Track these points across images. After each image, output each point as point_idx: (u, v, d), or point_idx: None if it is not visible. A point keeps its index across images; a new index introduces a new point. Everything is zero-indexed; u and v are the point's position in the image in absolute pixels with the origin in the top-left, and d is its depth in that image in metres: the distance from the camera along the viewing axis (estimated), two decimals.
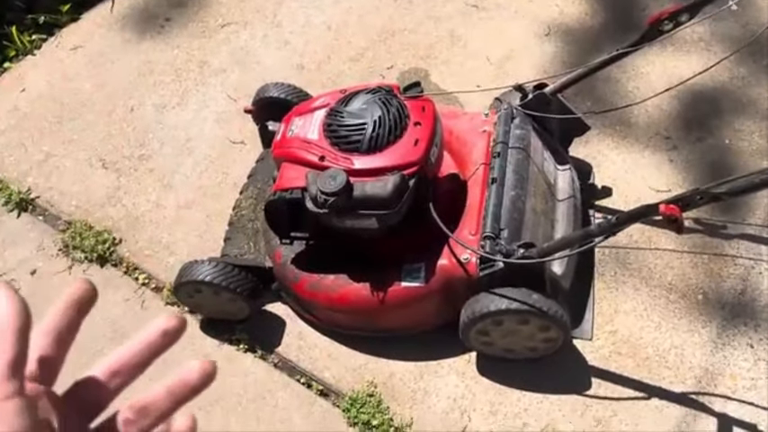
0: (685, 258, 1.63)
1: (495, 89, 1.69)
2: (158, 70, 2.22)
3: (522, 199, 1.45)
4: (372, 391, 1.50)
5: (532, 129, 1.60)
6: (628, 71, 2.01)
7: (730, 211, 1.68)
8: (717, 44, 2.03)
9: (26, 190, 1.96)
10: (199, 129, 2.06)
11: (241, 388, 1.55)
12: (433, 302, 1.47)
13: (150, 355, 0.40)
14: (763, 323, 1.51)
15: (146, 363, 0.40)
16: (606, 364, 1.49)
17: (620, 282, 1.61)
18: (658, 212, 1.09)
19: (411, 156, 1.37)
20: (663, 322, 1.54)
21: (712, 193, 1.06)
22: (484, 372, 1.52)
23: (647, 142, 1.85)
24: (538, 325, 1.38)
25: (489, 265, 1.37)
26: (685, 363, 1.48)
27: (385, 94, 1.44)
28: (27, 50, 2.35)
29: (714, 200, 1.07)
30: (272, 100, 1.78)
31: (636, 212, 1.16)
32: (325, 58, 2.19)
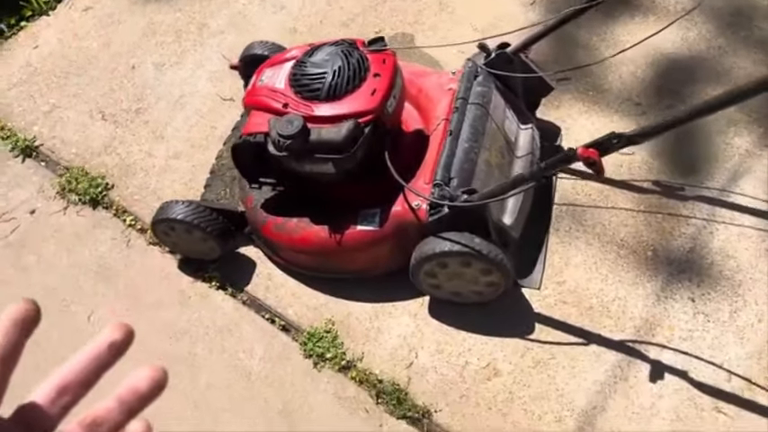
0: (640, 217, 1.68)
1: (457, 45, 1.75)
2: (160, 31, 2.34)
3: (474, 151, 1.53)
4: (330, 328, 1.60)
5: (495, 87, 1.67)
6: (607, 39, 2.05)
7: (688, 174, 1.73)
8: (698, 15, 2.06)
9: (31, 137, 2.10)
10: (193, 86, 2.17)
11: (210, 321, 1.66)
12: (387, 246, 1.56)
13: (98, 369, 0.38)
14: (707, 279, 1.56)
15: (93, 378, 0.38)
16: (551, 312, 1.56)
17: (574, 237, 1.67)
18: (577, 156, 1.16)
19: (367, 104, 1.45)
20: (610, 275, 1.60)
21: (626, 136, 1.12)
22: (434, 314, 1.60)
23: (618, 107, 1.90)
24: (479, 268, 1.45)
25: (437, 210, 1.45)
26: (627, 313, 1.54)
27: (347, 46, 1.52)
28: (42, 11, 2.49)
29: (629, 142, 1.13)
30: (256, 57, 1.88)
31: (559, 158, 1.22)
32: (317, 23, 2.28)
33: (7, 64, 2.34)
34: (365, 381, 1.52)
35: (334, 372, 1.54)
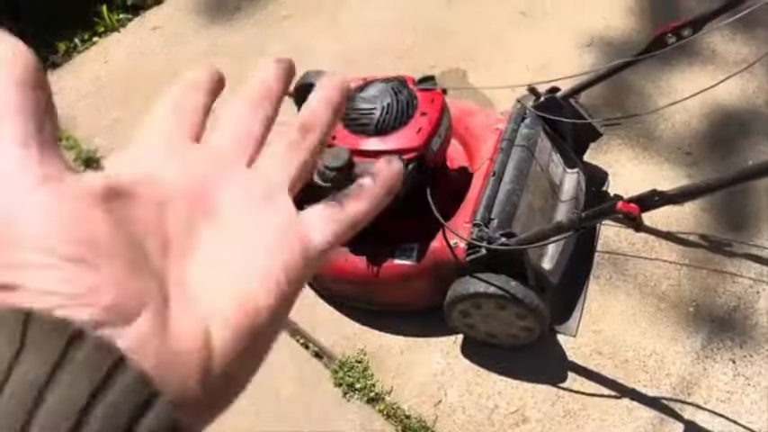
0: (684, 270, 1.65)
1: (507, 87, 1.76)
2: (222, 53, 2.43)
3: (516, 193, 1.53)
4: (361, 358, 1.62)
5: (542, 130, 1.67)
6: (661, 87, 2.03)
7: (737, 230, 1.69)
8: (759, 67, 2.01)
9: (93, 149, 2.20)
10: None
11: None
12: (423, 282, 1.57)
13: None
14: (750, 341, 1.52)
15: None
16: (585, 361, 1.54)
17: (614, 286, 1.65)
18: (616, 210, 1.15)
19: (412, 142, 1.48)
20: (649, 328, 1.57)
21: (667, 195, 1.11)
22: (467, 353, 1.60)
23: (668, 156, 1.87)
24: (514, 312, 1.45)
25: (475, 250, 1.46)
26: (663, 369, 1.51)
27: (398, 84, 1.55)
28: (114, 28, 2.61)
29: (670, 201, 1.12)
30: (311, 86, 1.92)
31: (599, 210, 1.22)
32: (372, 54, 2.33)
33: (78, 77, 2.46)
34: (392, 415, 1.53)
35: (363, 403, 1.56)
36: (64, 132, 2.25)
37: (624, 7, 2.26)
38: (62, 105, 2.34)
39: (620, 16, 2.24)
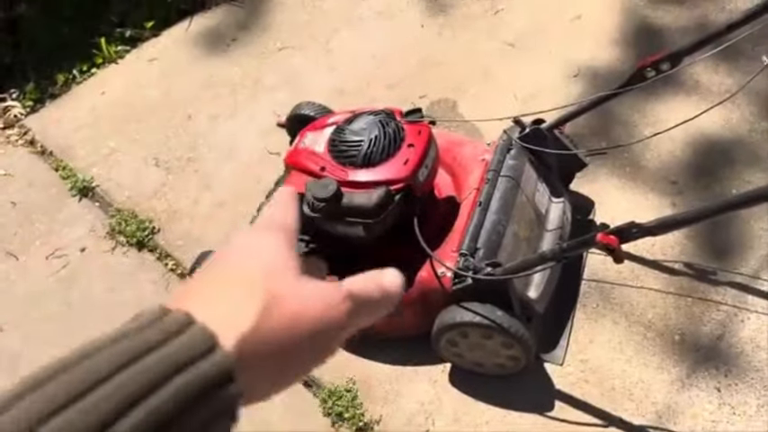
0: (669, 299, 1.67)
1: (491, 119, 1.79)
2: (218, 84, 2.48)
3: (502, 223, 1.56)
4: (350, 387, 1.63)
5: (528, 161, 1.70)
6: (647, 116, 2.06)
7: (721, 258, 1.71)
8: (742, 97, 2.05)
9: (89, 178, 2.23)
10: (243, 139, 2.28)
11: None
12: (411, 311, 1.59)
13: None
14: (735, 369, 1.53)
15: None
16: (572, 390, 1.56)
17: (601, 314, 1.67)
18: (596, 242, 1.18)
19: (399, 173, 1.51)
20: (635, 357, 1.58)
21: (646, 227, 1.14)
22: (455, 382, 1.61)
23: (654, 185, 1.90)
24: (500, 341, 1.47)
25: (461, 279, 1.48)
26: (650, 398, 1.52)
27: (385, 116, 1.59)
28: (112, 59, 2.66)
29: (649, 233, 1.15)
30: (302, 117, 1.97)
31: (579, 242, 1.24)
32: (364, 85, 2.37)
33: (76, 107, 2.50)
34: None
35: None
36: (60, 162, 2.28)
37: (610, 39, 2.31)
38: (59, 136, 2.38)
39: (605, 48, 2.29)
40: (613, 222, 1.83)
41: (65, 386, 0.27)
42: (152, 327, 0.30)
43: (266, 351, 0.32)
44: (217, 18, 2.71)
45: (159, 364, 0.28)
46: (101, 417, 0.26)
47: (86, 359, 0.28)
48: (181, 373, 0.28)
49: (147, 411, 0.27)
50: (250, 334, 0.31)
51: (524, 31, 2.40)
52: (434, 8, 2.57)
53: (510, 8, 2.50)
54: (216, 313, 0.31)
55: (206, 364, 0.29)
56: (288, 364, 0.35)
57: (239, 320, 0.31)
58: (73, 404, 0.26)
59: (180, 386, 0.28)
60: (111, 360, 0.28)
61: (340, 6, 2.66)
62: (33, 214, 2.18)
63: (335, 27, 2.58)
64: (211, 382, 0.29)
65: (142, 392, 0.27)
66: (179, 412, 0.28)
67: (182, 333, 0.29)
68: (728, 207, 1.13)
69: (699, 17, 2.31)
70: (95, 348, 0.28)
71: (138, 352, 0.28)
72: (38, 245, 2.09)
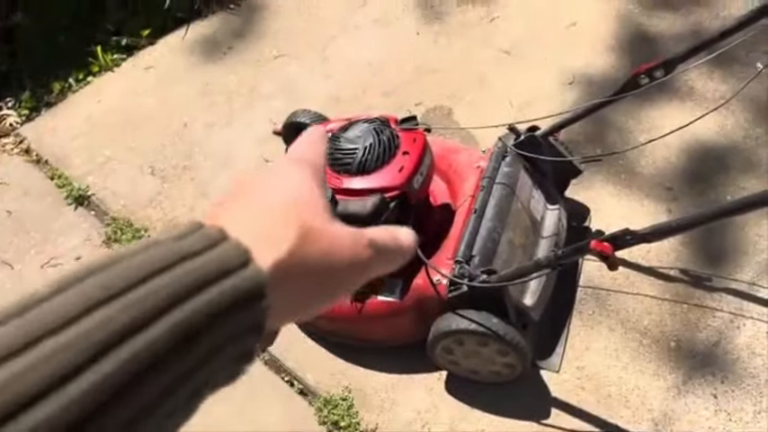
0: (665, 306, 1.66)
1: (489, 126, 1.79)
2: (214, 92, 2.48)
3: (498, 231, 1.56)
4: (346, 396, 1.63)
5: (523, 168, 1.70)
6: (642, 123, 2.07)
7: (717, 264, 1.71)
8: (737, 103, 2.06)
9: (85, 187, 2.23)
10: (239, 147, 2.28)
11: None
12: (407, 318, 1.58)
13: None
14: (731, 376, 1.53)
15: None
16: (568, 397, 1.55)
17: (597, 321, 1.67)
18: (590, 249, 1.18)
19: (394, 180, 1.51)
20: (631, 364, 1.58)
21: (640, 234, 1.14)
22: (451, 390, 1.61)
23: (649, 191, 1.90)
24: (496, 348, 1.46)
25: (456, 287, 1.48)
26: (646, 404, 1.51)
27: (380, 124, 1.59)
28: (108, 68, 2.66)
29: (643, 240, 1.15)
30: (298, 124, 1.97)
31: (573, 249, 1.24)
32: (360, 92, 2.37)
33: (72, 116, 2.50)
34: None
35: None
36: (56, 171, 2.28)
37: (605, 46, 2.31)
38: (55, 144, 2.38)
39: (600, 55, 2.30)
40: (609, 229, 1.84)
41: (99, 286, 0.27)
42: (186, 238, 0.30)
43: (295, 279, 0.33)
44: (213, 26, 2.72)
45: (193, 272, 0.29)
46: (132, 320, 0.26)
47: (119, 263, 0.28)
48: (214, 284, 0.29)
49: (179, 318, 0.28)
50: (283, 260, 0.32)
51: (520, 38, 2.41)
52: (430, 16, 2.57)
53: (505, 16, 2.50)
54: (252, 235, 0.32)
55: (239, 276, 0.30)
56: (312, 295, 0.36)
57: (275, 246, 0.33)
58: (106, 304, 0.27)
59: (213, 295, 0.29)
60: (143, 265, 0.28)
61: (336, 14, 2.67)
62: (28, 223, 2.17)
63: (331, 35, 2.59)
64: (244, 294, 0.30)
65: (175, 299, 0.28)
66: (210, 321, 0.28)
67: (216, 246, 0.30)
68: (723, 214, 1.13)
69: (693, 24, 2.32)
70: (130, 253, 0.29)
71: (173, 260, 0.29)
72: (33, 254, 2.09)
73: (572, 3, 2.48)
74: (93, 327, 0.26)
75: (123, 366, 0.26)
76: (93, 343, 0.25)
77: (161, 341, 0.27)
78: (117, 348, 0.26)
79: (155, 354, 0.27)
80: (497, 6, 2.54)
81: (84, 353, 0.25)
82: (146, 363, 0.26)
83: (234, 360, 0.30)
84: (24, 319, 0.26)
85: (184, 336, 0.28)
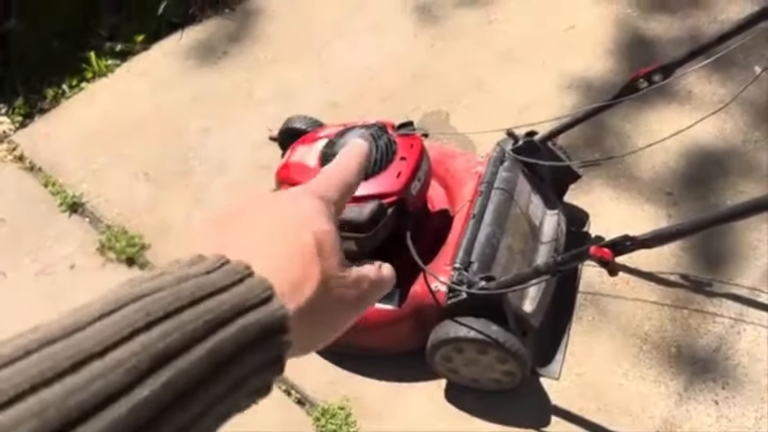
0: (665, 311, 1.65)
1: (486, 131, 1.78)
2: (209, 98, 2.46)
3: (496, 236, 1.54)
4: (344, 405, 1.61)
5: (521, 173, 1.69)
6: (640, 127, 2.06)
7: (717, 269, 1.70)
8: (735, 107, 2.05)
9: (79, 194, 2.21)
10: (234, 153, 2.26)
11: None
12: (405, 326, 1.57)
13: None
14: (732, 382, 1.51)
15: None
16: (569, 405, 1.53)
17: (597, 327, 1.65)
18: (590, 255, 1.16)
19: (391, 186, 1.49)
20: (632, 370, 1.56)
21: (640, 240, 1.12)
22: (451, 398, 1.59)
23: (649, 196, 1.89)
24: (496, 356, 1.45)
25: (455, 294, 1.46)
26: (647, 411, 1.50)
27: (377, 130, 1.57)
28: (102, 73, 2.64)
29: (642, 246, 1.13)
30: (294, 130, 1.95)
31: (573, 255, 1.23)
32: (357, 97, 2.36)
33: (65, 123, 2.48)
34: None
35: None
36: (50, 178, 2.26)
37: (603, 49, 2.30)
38: (49, 151, 2.36)
39: (599, 58, 2.29)
40: (609, 234, 1.81)
41: (141, 312, 0.28)
42: (215, 272, 0.32)
43: (308, 322, 0.35)
44: (207, 31, 2.70)
45: (223, 305, 0.30)
46: (171, 346, 0.28)
47: (158, 292, 0.30)
48: (242, 316, 0.31)
49: (212, 346, 0.29)
50: (303, 308, 0.35)
51: (517, 42, 2.40)
52: (427, 19, 2.56)
53: (503, 19, 2.49)
54: (277, 277, 0.34)
55: (264, 311, 0.32)
56: (318, 335, 0.38)
57: (299, 293, 0.35)
58: (147, 330, 0.28)
59: (241, 327, 0.30)
60: (181, 295, 0.30)
61: (332, 19, 2.65)
62: (22, 231, 2.15)
63: (327, 39, 2.57)
64: (269, 328, 0.31)
65: (208, 329, 0.29)
66: (240, 351, 0.30)
67: (243, 281, 0.32)
68: (724, 218, 1.12)
69: (691, 28, 2.31)
70: (167, 284, 0.30)
71: (204, 293, 0.30)
72: (26, 262, 2.06)
73: (570, 6, 2.47)
74: (135, 351, 0.27)
75: (161, 390, 0.27)
76: (134, 366, 0.27)
77: (196, 368, 0.28)
78: (157, 373, 0.27)
79: (191, 379, 0.28)
80: (495, 10, 2.53)
81: (127, 375, 0.26)
82: (182, 388, 0.28)
83: (253, 392, 0.32)
84: (72, 341, 0.27)
85: (216, 364, 0.29)
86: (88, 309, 0.28)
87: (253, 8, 2.75)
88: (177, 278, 0.31)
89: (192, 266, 0.32)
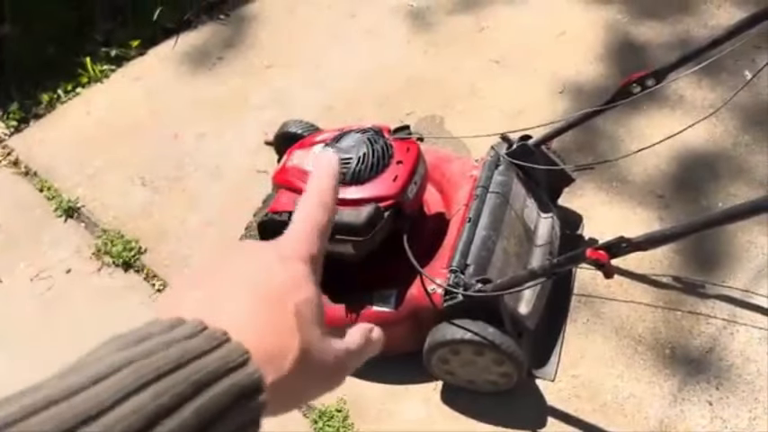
0: (659, 313, 1.67)
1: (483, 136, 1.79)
2: (204, 103, 2.47)
3: (492, 239, 1.56)
4: (341, 407, 1.62)
5: (516, 176, 1.70)
6: (632, 131, 2.08)
7: (709, 271, 1.72)
8: (725, 111, 2.08)
9: (75, 199, 2.21)
10: (230, 157, 2.27)
11: None
12: (402, 328, 1.58)
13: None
14: (726, 383, 1.53)
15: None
16: (564, 406, 1.55)
17: (591, 329, 1.67)
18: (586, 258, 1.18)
19: (388, 190, 1.51)
20: (626, 372, 1.58)
21: (635, 242, 1.14)
22: (447, 400, 1.60)
23: (641, 199, 1.91)
24: (492, 358, 1.46)
25: (451, 296, 1.47)
26: (642, 412, 1.51)
27: (373, 134, 1.59)
28: (97, 79, 2.64)
29: (638, 248, 1.15)
30: (290, 135, 1.96)
31: (568, 257, 1.24)
32: (352, 102, 2.37)
33: (61, 128, 2.48)
34: None
35: None
36: (45, 183, 2.26)
37: (594, 55, 2.33)
38: (44, 156, 2.36)
39: (590, 63, 2.32)
40: (602, 237, 1.85)
41: (132, 376, 0.30)
42: (195, 337, 0.33)
43: (287, 388, 0.37)
44: (203, 36, 2.71)
45: (205, 368, 0.32)
46: (162, 406, 0.30)
47: (149, 357, 0.31)
48: (224, 378, 0.32)
49: (198, 406, 0.31)
50: (282, 378, 0.36)
51: (509, 47, 2.42)
52: (420, 26, 2.58)
53: (494, 26, 2.52)
54: (258, 346, 0.35)
55: (242, 373, 0.33)
56: (298, 399, 0.40)
57: (278, 364, 0.36)
58: (138, 393, 0.30)
59: (224, 388, 0.32)
60: (168, 359, 0.31)
61: (326, 24, 2.67)
62: (17, 236, 2.15)
63: (322, 45, 2.59)
64: (248, 388, 0.33)
65: (195, 390, 0.31)
66: (222, 412, 0.32)
67: (221, 346, 0.34)
68: (719, 221, 1.14)
69: (681, 33, 2.34)
70: (155, 349, 0.32)
71: (188, 357, 0.32)
72: (22, 267, 2.06)
73: (560, 12, 2.50)
74: (128, 413, 0.29)
75: None
76: (130, 425, 0.28)
77: (186, 426, 0.30)
78: (151, 431, 0.29)
79: None
80: (486, 17, 2.56)
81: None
82: None
83: None
84: (67, 405, 0.28)
85: (203, 422, 0.31)
86: (86, 371, 0.30)
87: (247, 14, 2.77)
88: (164, 343, 0.32)
89: (174, 330, 0.34)
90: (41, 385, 0.30)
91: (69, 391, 0.29)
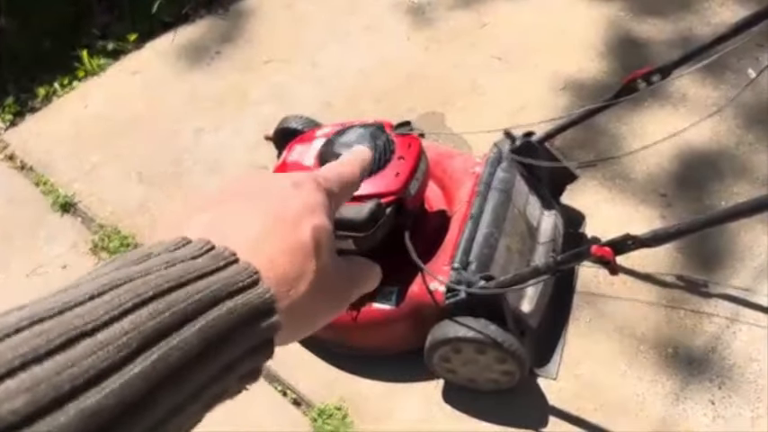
0: (661, 312, 1.66)
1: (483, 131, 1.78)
2: (203, 98, 2.45)
3: (494, 236, 1.54)
4: (341, 405, 1.60)
5: (519, 173, 1.69)
6: (635, 129, 2.07)
7: (712, 270, 1.71)
8: (729, 110, 2.07)
9: (71, 194, 2.19)
10: (229, 153, 2.25)
11: None
12: (403, 326, 1.56)
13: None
14: (729, 382, 1.52)
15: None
16: (566, 405, 1.54)
17: (594, 328, 1.65)
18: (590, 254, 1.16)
19: (390, 186, 1.49)
20: (629, 371, 1.57)
21: (640, 239, 1.13)
22: (448, 398, 1.59)
23: (644, 197, 1.90)
24: (494, 356, 1.45)
25: (453, 294, 1.46)
26: (644, 411, 1.50)
27: (375, 129, 1.57)
28: (94, 72, 2.62)
29: (643, 245, 1.14)
30: (290, 130, 1.94)
31: (573, 254, 1.23)
32: (352, 98, 2.36)
33: (57, 122, 2.46)
34: None
35: None
36: (41, 178, 2.24)
37: (595, 51, 2.32)
38: (40, 150, 2.33)
39: (591, 60, 2.30)
40: (604, 235, 1.83)
41: (131, 293, 0.28)
42: (202, 257, 0.32)
43: (300, 310, 0.36)
44: (201, 31, 2.69)
45: (210, 286, 0.30)
46: (162, 324, 0.28)
47: (147, 275, 0.30)
48: (231, 298, 0.31)
49: (202, 325, 0.29)
50: (296, 300, 0.35)
51: (510, 44, 2.41)
52: (421, 22, 2.56)
53: (496, 22, 2.50)
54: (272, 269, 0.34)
55: (252, 293, 0.32)
56: (311, 324, 0.39)
57: (294, 287, 0.35)
58: (137, 310, 0.28)
59: (229, 309, 0.30)
60: (169, 277, 0.30)
61: (325, 20, 2.65)
62: (13, 231, 2.12)
63: (321, 40, 2.57)
64: (258, 309, 0.32)
65: (198, 309, 0.29)
66: (228, 334, 0.30)
67: (228, 266, 0.32)
68: (725, 217, 1.13)
69: (683, 30, 2.33)
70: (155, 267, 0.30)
71: (191, 276, 0.30)
72: (18, 262, 2.04)
73: (562, 9, 2.49)
74: (126, 329, 0.27)
75: (154, 368, 0.27)
76: (126, 344, 0.26)
77: (188, 346, 0.28)
78: (148, 350, 0.27)
79: (183, 357, 0.28)
80: (487, 13, 2.54)
81: (118, 352, 0.26)
82: (174, 366, 0.28)
83: (244, 375, 0.32)
84: (62, 319, 0.26)
85: (207, 344, 0.29)
86: (77, 290, 0.28)
87: (246, 8, 2.74)
88: (164, 262, 0.31)
89: (177, 250, 0.32)
90: (27, 304, 0.28)
91: (58, 309, 0.27)
